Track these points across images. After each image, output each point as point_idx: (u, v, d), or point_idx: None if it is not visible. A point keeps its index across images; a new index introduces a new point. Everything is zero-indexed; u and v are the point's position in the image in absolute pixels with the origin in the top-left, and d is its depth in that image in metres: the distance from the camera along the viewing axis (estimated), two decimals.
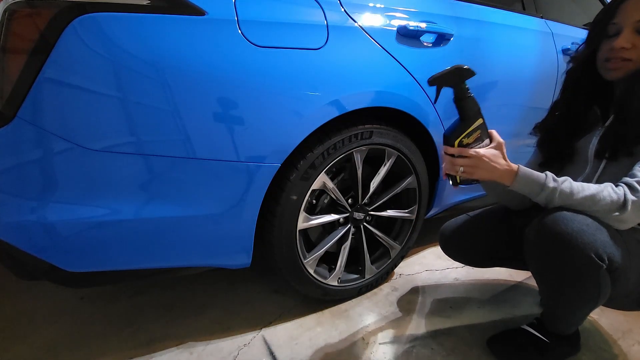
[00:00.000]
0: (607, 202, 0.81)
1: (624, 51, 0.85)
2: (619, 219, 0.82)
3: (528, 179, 0.86)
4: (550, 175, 0.86)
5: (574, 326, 1.02)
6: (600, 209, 0.82)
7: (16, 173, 0.77)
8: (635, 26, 0.84)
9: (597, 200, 0.82)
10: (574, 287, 0.87)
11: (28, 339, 1.08)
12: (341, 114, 1.00)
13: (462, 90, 0.82)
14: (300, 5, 0.94)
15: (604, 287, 0.86)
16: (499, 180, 0.88)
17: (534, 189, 0.86)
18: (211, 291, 1.31)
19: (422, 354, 1.07)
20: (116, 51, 0.75)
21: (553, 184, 0.84)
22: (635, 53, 0.85)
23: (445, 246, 1.23)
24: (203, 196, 0.90)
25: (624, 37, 0.85)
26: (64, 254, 0.84)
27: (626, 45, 0.85)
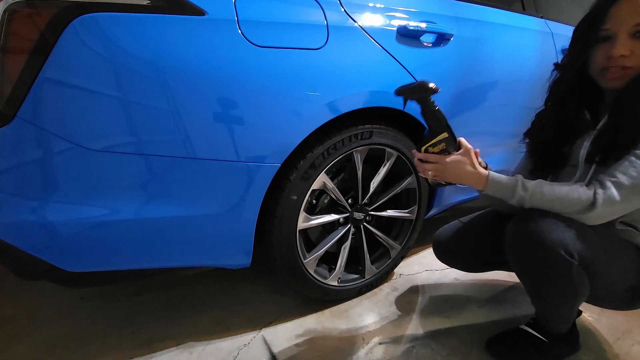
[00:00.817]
0: (576, 202, 0.82)
1: (623, 59, 0.81)
2: (590, 216, 0.82)
3: (498, 185, 0.88)
4: (520, 180, 0.86)
5: (564, 324, 1.02)
6: (571, 209, 0.83)
7: (16, 173, 0.77)
8: (631, 31, 0.79)
9: (567, 201, 0.82)
10: (549, 285, 0.90)
11: (28, 339, 1.08)
12: (341, 114, 1.00)
13: (426, 104, 0.84)
14: (300, 5, 0.94)
15: (580, 284, 0.87)
16: (470, 185, 0.90)
17: (505, 193, 0.87)
18: (211, 291, 1.31)
19: (422, 354, 1.07)
20: (116, 51, 0.75)
21: (522, 189, 0.85)
22: (635, 60, 0.80)
23: (439, 253, 1.25)
24: (203, 196, 0.90)
25: (620, 44, 0.80)
26: (64, 254, 0.84)
27: (625, 53, 0.80)
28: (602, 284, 0.90)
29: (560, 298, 0.93)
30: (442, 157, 0.88)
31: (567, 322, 1.02)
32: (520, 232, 0.88)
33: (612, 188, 0.80)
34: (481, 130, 1.42)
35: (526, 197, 0.85)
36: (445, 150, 0.88)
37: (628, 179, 0.79)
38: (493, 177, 0.88)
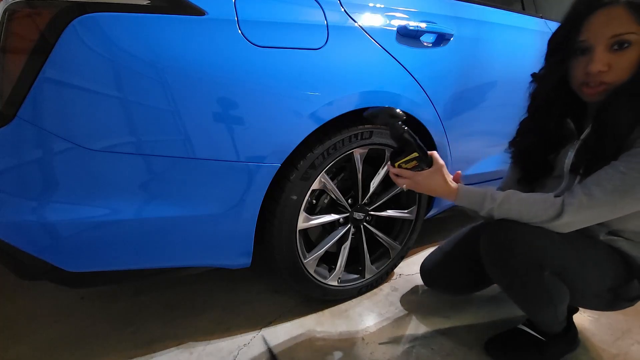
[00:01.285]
0: (543, 211, 0.83)
1: (601, 75, 0.77)
2: (557, 225, 0.83)
3: (469, 198, 0.90)
4: (490, 192, 0.88)
5: (554, 326, 1.03)
6: (538, 218, 0.84)
7: (16, 173, 0.77)
8: (608, 43, 0.76)
9: (534, 211, 0.83)
10: (524, 293, 0.93)
11: (28, 339, 1.08)
12: (341, 114, 1.00)
13: (394, 129, 0.86)
14: (300, 5, 0.94)
15: (554, 290, 0.89)
16: (443, 197, 0.93)
17: (475, 206, 0.89)
18: (211, 291, 1.31)
19: (422, 354, 1.07)
20: (116, 51, 0.75)
21: (491, 201, 0.86)
22: (614, 74, 0.77)
23: (429, 285, 1.28)
24: (203, 196, 0.90)
25: (598, 59, 0.77)
26: (64, 254, 0.84)
27: (603, 69, 0.77)
28: (580, 289, 0.91)
29: (538, 305, 0.95)
30: (414, 174, 0.91)
31: (557, 324, 1.02)
32: (491, 243, 0.91)
33: (582, 197, 0.80)
34: (481, 130, 1.42)
35: (494, 209, 0.86)
36: (417, 167, 0.91)
37: (600, 190, 0.78)
38: (463, 190, 0.91)
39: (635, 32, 0.74)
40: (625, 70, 0.76)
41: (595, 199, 0.78)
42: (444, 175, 0.90)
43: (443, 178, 0.90)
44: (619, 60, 0.76)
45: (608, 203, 0.78)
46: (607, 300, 0.94)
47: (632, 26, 0.74)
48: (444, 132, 1.24)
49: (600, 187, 0.78)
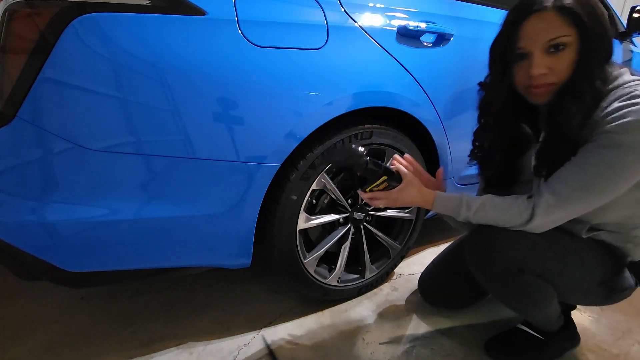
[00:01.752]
0: (517, 216, 0.83)
1: (544, 77, 0.79)
2: (532, 227, 0.83)
3: (445, 205, 0.90)
4: (465, 199, 0.87)
5: (548, 325, 1.03)
6: (513, 223, 0.84)
7: (16, 173, 0.77)
8: (544, 47, 0.78)
9: (509, 216, 0.84)
10: (509, 297, 0.94)
11: (28, 339, 1.08)
12: (341, 114, 1.00)
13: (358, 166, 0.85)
14: (300, 5, 0.94)
15: (537, 290, 0.89)
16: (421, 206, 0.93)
17: (451, 213, 0.89)
18: (211, 291, 1.31)
19: (422, 354, 1.07)
20: (116, 51, 0.75)
21: (466, 209, 0.86)
22: (556, 75, 0.79)
23: (428, 301, 1.29)
24: (203, 196, 0.90)
25: (537, 63, 0.78)
26: (64, 254, 0.84)
27: (544, 72, 0.78)
28: (567, 287, 0.91)
29: (525, 307, 0.96)
30: (388, 193, 0.91)
31: (551, 323, 1.02)
32: (472, 252, 0.93)
33: (548, 197, 0.80)
34: None
35: (470, 217, 0.86)
36: (389, 187, 0.91)
37: (563, 188, 0.79)
38: (440, 197, 0.91)
39: (568, 35, 0.76)
40: (564, 71, 0.78)
41: (561, 198, 0.79)
42: (415, 186, 0.91)
43: (416, 189, 0.90)
44: (558, 62, 0.78)
45: (574, 199, 0.79)
46: (601, 294, 0.93)
47: (564, 29, 0.76)
48: (444, 131, 1.24)
49: (563, 185, 0.79)
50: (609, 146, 0.74)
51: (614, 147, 0.74)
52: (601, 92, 0.78)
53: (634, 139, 0.73)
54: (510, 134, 0.94)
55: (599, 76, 0.78)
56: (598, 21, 0.76)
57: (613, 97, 0.77)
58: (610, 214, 0.85)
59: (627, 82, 0.77)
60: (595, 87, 0.77)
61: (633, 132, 0.72)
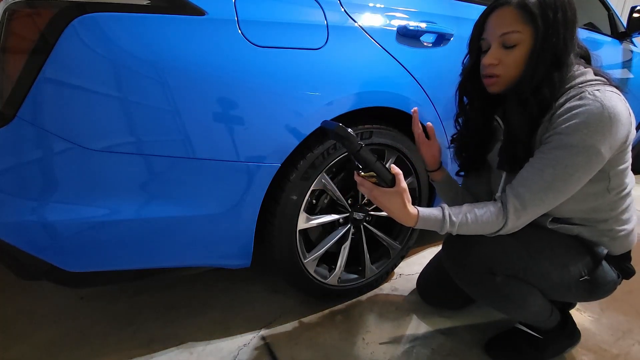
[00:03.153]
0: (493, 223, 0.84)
1: (492, 67, 0.83)
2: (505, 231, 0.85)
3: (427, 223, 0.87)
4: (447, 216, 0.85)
5: (540, 324, 1.03)
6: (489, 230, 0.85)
7: (16, 173, 0.77)
8: (499, 41, 0.81)
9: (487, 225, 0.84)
10: (489, 300, 0.96)
11: (28, 339, 1.08)
12: (341, 114, 1.00)
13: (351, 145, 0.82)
14: (300, 5, 0.94)
15: (515, 292, 0.91)
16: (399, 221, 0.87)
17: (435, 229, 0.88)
18: (211, 291, 1.31)
19: (422, 354, 1.07)
20: (116, 51, 0.75)
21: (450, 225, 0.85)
22: (503, 68, 0.82)
23: (425, 300, 1.30)
24: (203, 196, 0.90)
25: (490, 53, 0.82)
26: (64, 254, 0.85)
27: (493, 62, 0.82)
28: (546, 285, 0.92)
29: (506, 308, 0.97)
30: (373, 187, 0.86)
31: (543, 322, 1.02)
32: (447, 260, 0.97)
33: (514, 201, 0.81)
34: None
35: (453, 231, 0.87)
36: (378, 184, 0.87)
37: (526, 191, 0.80)
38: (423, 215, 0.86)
39: (519, 31, 0.78)
40: (511, 66, 0.81)
41: (525, 201, 0.80)
42: (403, 199, 0.85)
43: (402, 202, 0.85)
44: (507, 57, 0.81)
45: (537, 201, 0.80)
46: (584, 289, 0.94)
47: (517, 25, 0.78)
48: (444, 132, 1.24)
49: (525, 188, 0.81)
50: (560, 147, 0.76)
51: (564, 148, 0.76)
52: (546, 98, 0.79)
53: (580, 139, 0.74)
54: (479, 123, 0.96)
55: (545, 81, 0.78)
56: (554, 25, 0.76)
57: (567, 96, 0.78)
58: (566, 208, 0.87)
59: (583, 82, 0.79)
60: (540, 91, 0.79)
61: (579, 133, 0.74)
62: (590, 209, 0.88)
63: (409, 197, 0.86)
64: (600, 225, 0.90)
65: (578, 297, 1.02)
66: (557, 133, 0.77)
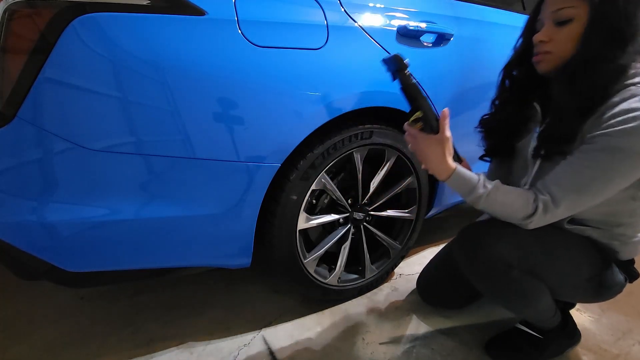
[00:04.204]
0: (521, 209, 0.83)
1: (543, 44, 0.83)
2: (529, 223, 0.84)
3: (460, 181, 0.86)
4: (481, 181, 0.85)
5: (543, 322, 1.03)
6: (515, 215, 0.84)
7: (16, 173, 0.77)
8: (552, 18, 0.81)
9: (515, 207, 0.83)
10: (500, 294, 0.94)
11: (28, 339, 1.08)
12: (341, 114, 1.00)
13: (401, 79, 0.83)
14: (300, 5, 0.94)
15: (526, 288, 0.90)
16: (433, 172, 0.88)
17: (463, 191, 0.87)
18: (211, 291, 1.31)
19: (422, 354, 1.07)
20: (116, 51, 0.75)
21: (481, 190, 0.85)
22: (554, 45, 0.82)
23: (425, 300, 1.30)
24: (203, 196, 0.90)
25: (542, 30, 0.83)
26: (64, 254, 0.84)
27: (544, 39, 0.82)
28: (557, 283, 0.92)
29: (515, 304, 0.96)
30: (418, 133, 0.86)
31: (547, 321, 1.02)
32: (461, 250, 0.95)
33: (546, 198, 0.80)
34: None
35: (483, 196, 0.85)
36: (423, 129, 0.86)
37: (559, 189, 0.80)
38: (460, 172, 0.86)
39: (573, 6, 0.78)
40: (563, 42, 0.81)
41: (557, 199, 0.79)
42: (444, 149, 0.84)
43: (442, 151, 0.84)
44: (560, 34, 0.81)
45: (569, 201, 0.80)
46: (590, 289, 0.94)
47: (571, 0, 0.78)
48: None
49: (560, 187, 0.80)
50: (606, 149, 0.74)
51: (610, 151, 0.74)
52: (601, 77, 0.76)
53: (630, 144, 0.72)
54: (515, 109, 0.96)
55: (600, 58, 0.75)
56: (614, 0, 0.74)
57: (623, 96, 0.75)
58: (591, 211, 0.86)
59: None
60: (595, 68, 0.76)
61: (631, 137, 0.71)
62: (609, 213, 0.87)
63: (450, 149, 0.86)
64: (614, 230, 0.90)
65: (585, 298, 1.01)
66: (605, 134, 0.74)
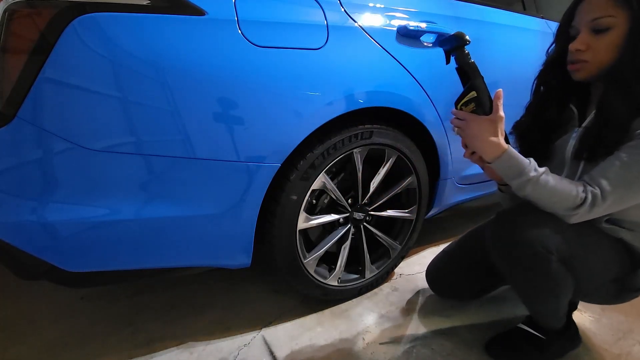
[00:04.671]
0: (570, 198, 0.82)
1: (579, 53, 0.84)
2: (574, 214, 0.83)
3: (512, 161, 0.85)
4: (533, 164, 0.85)
5: (555, 320, 1.03)
6: (561, 204, 0.83)
7: (16, 173, 0.77)
8: (589, 26, 0.82)
9: (564, 195, 0.82)
10: (531, 281, 0.92)
11: (28, 339, 1.09)
12: (341, 114, 1.00)
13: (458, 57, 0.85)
14: (300, 5, 0.94)
15: (560, 278, 0.89)
16: (482, 152, 0.87)
17: (511, 173, 0.86)
18: (211, 291, 1.31)
19: (422, 354, 1.07)
20: (116, 51, 0.75)
21: (532, 174, 0.84)
22: (591, 54, 0.83)
23: (436, 291, 1.29)
24: (203, 196, 0.90)
25: (579, 39, 0.84)
26: (64, 254, 0.84)
27: (581, 47, 0.83)
28: (585, 278, 0.92)
29: (543, 294, 0.94)
30: (469, 115, 0.87)
31: (558, 318, 1.02)
32: (498, 234, 0.92)
33: (597, 191, 0.81)
34: None
35: (532, 180, 0.83)
36: (475, 111, 0.85)
37: (607, 183, 0.80)
38: (511, 153, 0.86)
39: (613, 15, 0.79)
40: (602, 51, 0.82)
41: (605, 193, 0.80)
42: (497, 128, 0.84)
43: (495, 131, 0.84)
44: (597, 42, 0.82)
45: (616, 196, 0.80)
46: (612, 291, 0.94)
47: (610, 9, 0.79)
48: (444, 132, 1.24)
49: (608, 181, 0.80)
50: None
51: None
52: None
53: None
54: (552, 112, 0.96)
55: None
56: None
57: None
58: (633, 212, 0.87)
59: None
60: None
61: None
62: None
63: (503, 129, 0.86)
64: None
65: (603, 298, 1.01)
66: None
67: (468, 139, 0.89)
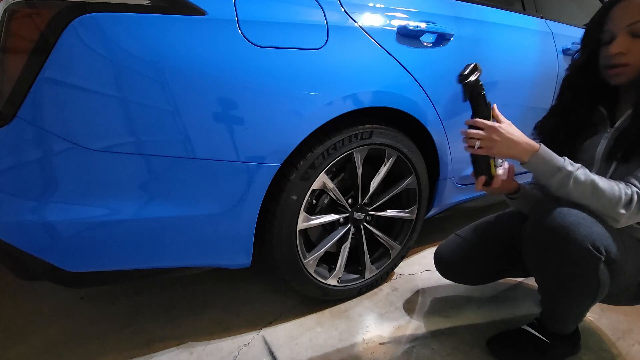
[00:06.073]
0: (616, 197, 0.81)
1: (620, 57, 0.85)
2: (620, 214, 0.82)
3: (547, 158, 0.85)
4: (568, 160, 0.86)
5: (573, 324, 1.02)
6: (605, 203, 0.82)
7: (16, 173, 0.77)
8: (628, 30, 0.83)
9: (608, 194, 0.82)
10: (573, 280, 0.88)
11: (28, 339, 1.09)
12: (341, 114, 1.00)
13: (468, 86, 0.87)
14: (300, 5, 0.94)
15: (603, 280, 0.87)
16: (517, 155, 0.86)
17: (549, 169, 0.85)
18: (211, 291, 1.31)
19: (422, 354, 1.07)
20: (116, 51, 0.75)
21: (571, 167, 0.84)
22: (632, 57, 0.84)
23: (443, 271, 1.25)
24: (203, 196, 0.90)
25: (618, 42, 0.85)
26: (64, 254, 0.84)
27: (622, 51, 0.84)
28: (619, 280, 0.91)
29: (581, 295, 0.91)
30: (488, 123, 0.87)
31: (577, 322, 1.02)
32: (543, 227, 0.86)
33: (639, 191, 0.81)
34: None
35: (571, 177, 0.82)
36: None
37: None
38: (545, 150, 0.86)
39: None
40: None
41: None
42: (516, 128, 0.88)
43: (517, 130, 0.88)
44: (637, 45, 0.83)
45: None
46: (634, 294, 0.95)
47: None
48: (444, 132, 1.24)
49: None
50: None
51: None
52: None
53: None
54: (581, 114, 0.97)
55: None
56: None
57: None
58: None
59: None
60: None
61: None
62: None
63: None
64: None
65: (622, 299, 1.02)
66: None
67: (496, 147, 0.86)
